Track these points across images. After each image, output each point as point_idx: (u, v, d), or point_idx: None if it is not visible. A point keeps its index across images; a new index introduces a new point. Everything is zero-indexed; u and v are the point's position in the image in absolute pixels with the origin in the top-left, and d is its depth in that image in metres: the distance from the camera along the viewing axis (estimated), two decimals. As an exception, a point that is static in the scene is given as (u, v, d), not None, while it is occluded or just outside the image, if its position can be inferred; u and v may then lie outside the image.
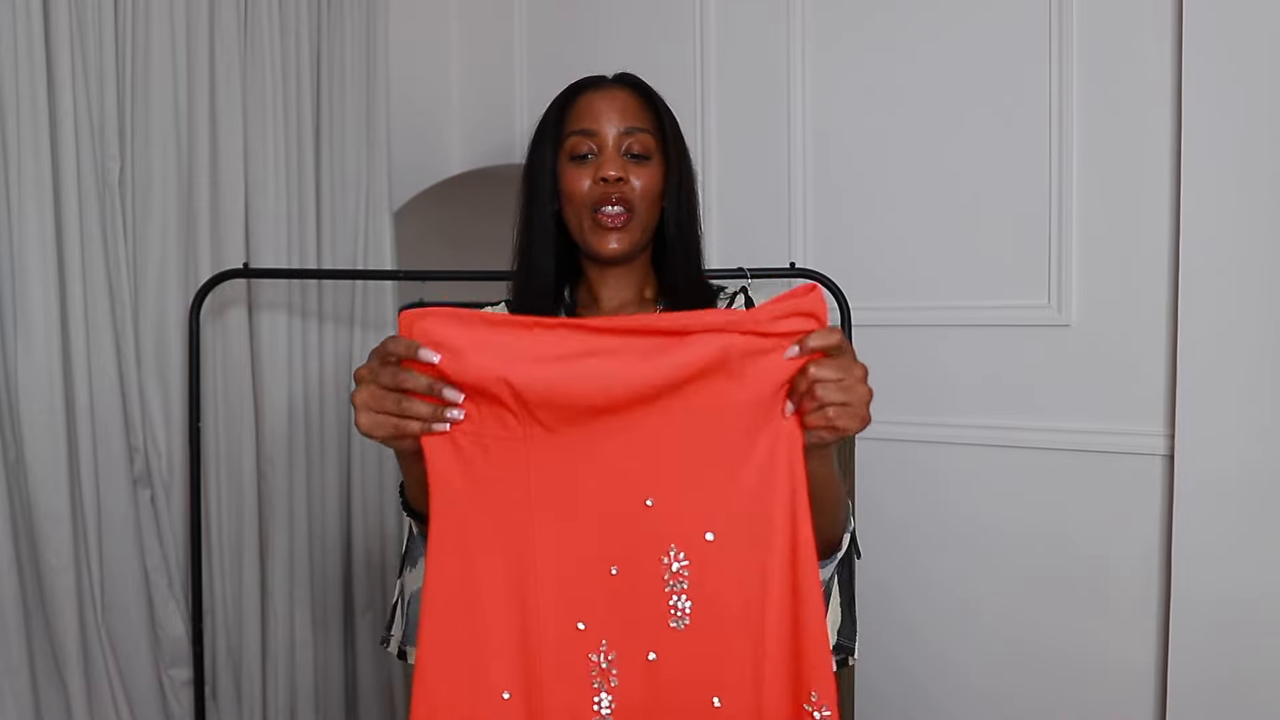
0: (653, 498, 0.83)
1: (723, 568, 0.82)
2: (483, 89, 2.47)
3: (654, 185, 1.15)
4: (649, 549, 0.83)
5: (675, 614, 0.83)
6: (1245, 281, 1.50)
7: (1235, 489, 1.52)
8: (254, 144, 2.03)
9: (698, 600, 0.82)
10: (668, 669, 0.83)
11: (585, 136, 1.14)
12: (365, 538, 2.31)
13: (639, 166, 1.14)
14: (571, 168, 1.14)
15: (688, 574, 0.82)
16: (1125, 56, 1.62)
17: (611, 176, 1.11)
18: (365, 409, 0.87)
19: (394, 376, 0.85)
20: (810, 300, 0.81)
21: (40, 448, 1.72)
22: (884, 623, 1.87)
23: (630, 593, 0.83)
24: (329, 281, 2.20)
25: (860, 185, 1.90)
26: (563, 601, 0.84)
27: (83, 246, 1.77)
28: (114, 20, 1.82)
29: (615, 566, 0.84)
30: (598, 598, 0.84)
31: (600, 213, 1.12)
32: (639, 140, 1.14)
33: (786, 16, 1.96)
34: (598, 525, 0.84)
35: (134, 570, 1.87)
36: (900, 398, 1.86)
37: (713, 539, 0.82)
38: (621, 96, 1.16)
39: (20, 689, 1.70)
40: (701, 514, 0.83)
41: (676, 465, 0.83)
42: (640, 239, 1.15)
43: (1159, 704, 1.62)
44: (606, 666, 0.84)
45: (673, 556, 0.83)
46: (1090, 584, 1.69)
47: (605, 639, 0.84)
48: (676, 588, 0.83)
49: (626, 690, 0.83)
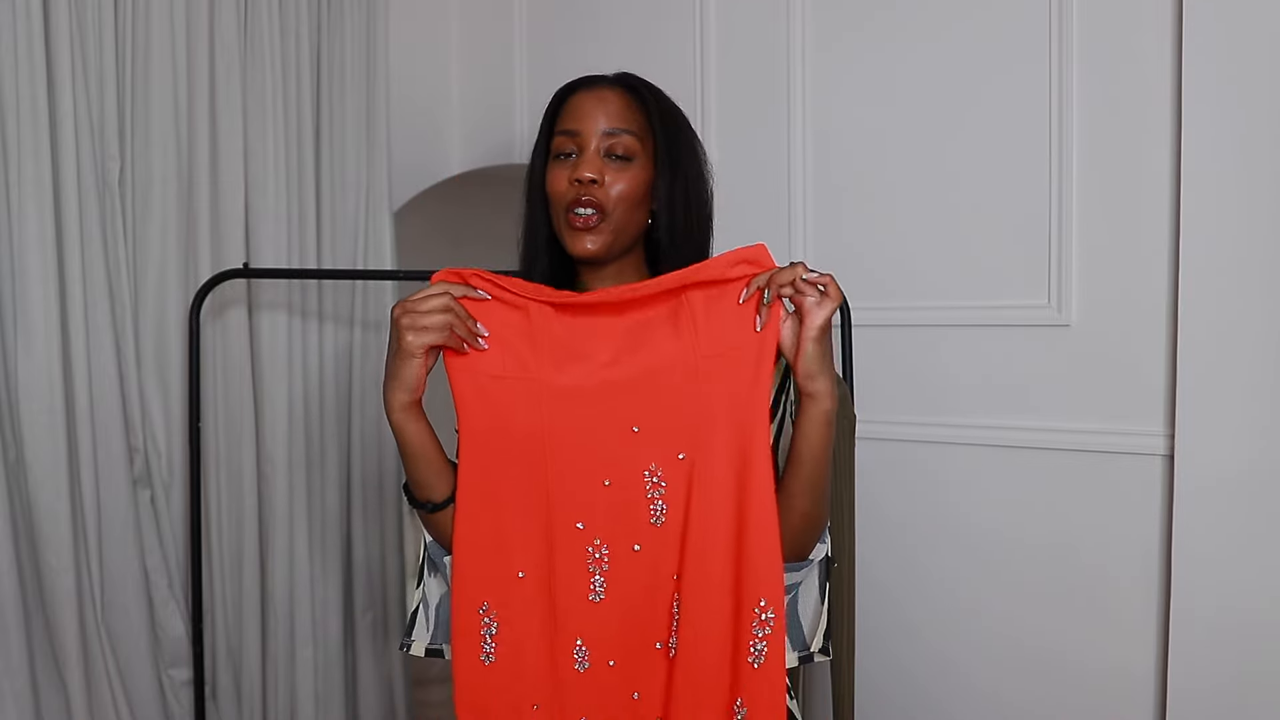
0: (638, 426, 1.06)
1: (690, 478, 1.05)
2: (483, 89, 2.47)
3: (634, 188, 1.14)
4: (636, 465, 1.06)
5: (654, 514, 1.06)
6: (1245, 281, 1.50)
7: (1235, 489, 1.51)
8: (254, 144, 2.03)
9: (671, 504, 1.05)
10: (648, 556, 1.06)
11: (568, 137, 1.14)
12: (365, 538, 2.31)
13: (619, 169, 1.13)
14: (554, 167, 1.15)
15: (665, 484, 1.06)
16: (1125, 56, 1.62)
17: (585, 178, 1.11)
18: (410, 326, 1.02)
19: (445, 299, 1.02)
20: (754, 250, 1.03)
21: (40, 448, 1.72)
22: (884, 623, 1.87)
23: (621, 499, 1.06)
24: (329, 281, 2.20)
25: (860, 185, 1.90)
26: (567, 507, 1.07)
27: (83, 246, 1.77)
28: (114, 20, 1.83)
29: (608, 479, 1.07)
30: (595, 504, 1.07)
31: (572, 213, 1.13)
32: (621, 142, 1.13)
33: (786, 16, 1.96)
34: (596, 448, 1.06)
35: (134, 570, 1.87)
36: (900, 398, 1.86)
37: (683, 458, 1.05)
38: (611, 97, 1.15)
39: (20, 689, 1.70)
40: (675, 439, 1.05)
41: (656, 403, 1.05)
42: (614, 241, 1.15)
43: (1159, 705, 1.62)
44: (600, 557, 1.07)
45: (653, 471, 1.06)
46: (1090, 584, 1.69)
47: (599, 536, 1.07)
48: (655, 494, 1.06)
49: (615, 573, 1.07)
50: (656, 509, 1.06)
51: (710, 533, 1.04)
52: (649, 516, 1.06)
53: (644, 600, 1.07)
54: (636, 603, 1.07)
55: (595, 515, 1.07)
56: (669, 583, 1.06)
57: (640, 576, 1.07)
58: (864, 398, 1.85)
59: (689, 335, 1.04)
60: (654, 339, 1.05)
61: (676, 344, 1.05)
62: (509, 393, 1.06)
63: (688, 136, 1.21)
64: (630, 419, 1.06)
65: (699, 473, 1.04)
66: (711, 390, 1.04)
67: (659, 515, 1.06)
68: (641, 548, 1.06)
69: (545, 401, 1.06)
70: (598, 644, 1.07)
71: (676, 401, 1.05)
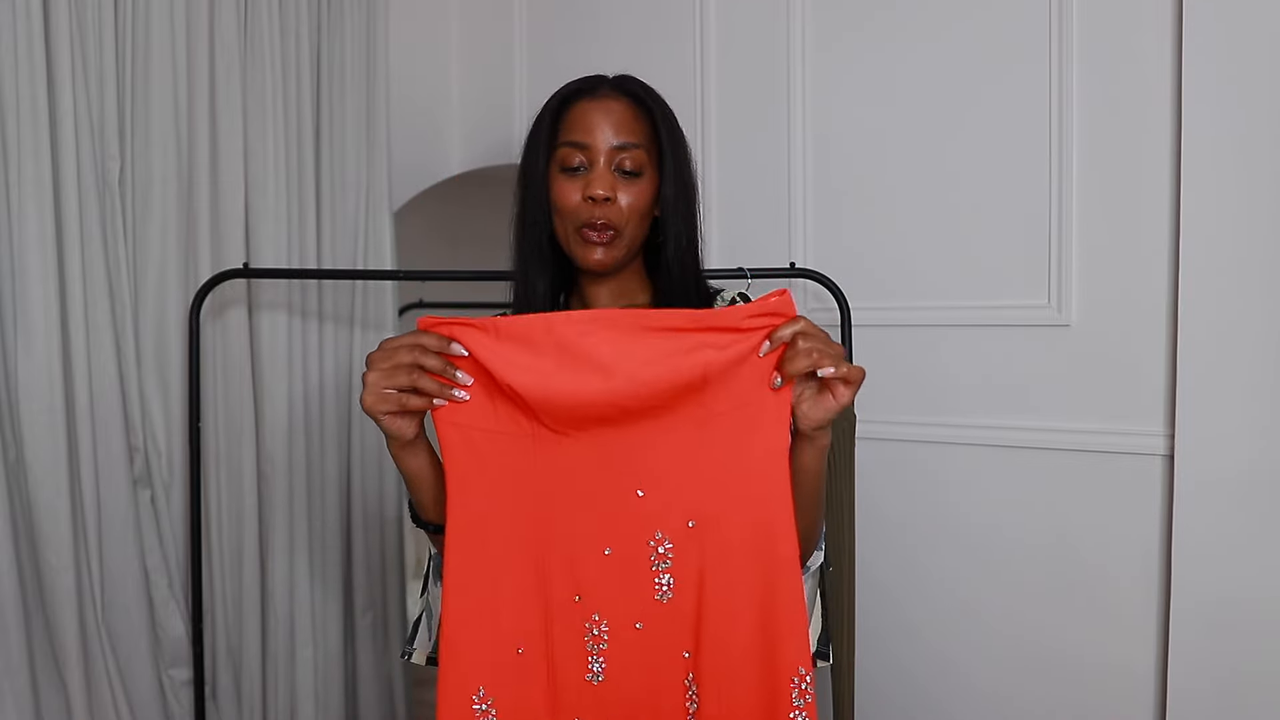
0: (642, 489, 0.96)
1: (702, 550, 0.96)
2: (483, 89, 2.47)
3: (643, 202, 1.14)
4: (639, 533, 0.96)
5: (659, 589, 0.96)
6: (1245, 281, 1.50)
7: (1235, 489, 1.52)
8: (254, 144, 2.03)
9: (679, 577, 0.96)
10: (652, 635, 0.97)
11: (577, 149, 1.13)
12: (365, 538, 2.31)
13: (629, 183, 1.13)
14: (562, 179, 1.14)
15: (671, 555, 0.96)
16: (1125, 56, 1.62)
17: (599, 196, 1.11)
18: (372, 387, 0.94)
19: (412, 354, 0.93)
20: (779, 302, 0.93)
21: (40, 448, 1.72)
22: (884, 623, 1.87)
23: (622, 571, 0.97)
24: (329, 281, 2.20)
25: (860, 185, 1.90)
26: (564, 577, 0.97)
27: (83, 246, 1.77)
28: (114, 20, 1.82)
29: (609, 548, 0.97)
30: (593, 575, 0.97)
31: (585, 230, 1.12)
32: (631, 157, 1.13)
33: (786, 16, 1.96)
34: (595, 513, 0.97)
35: (134, 570, 1.87)
36: (900, 398, 1.86)
37: (693, 526, 0.96)
38: (617, 108, 1.14)
39: (20, 689, 1.70)
40: (684, 504, 0.96)
41: (663, 462, 0.96)
42: (625, 253, 1.15)
43: (1159, 704, 1.62)
44: (599, 634, 0.97)
45: (658, 540, 0.96)
46: (1090, 584, 1.69)
47: (598, 611, 0.97)
48: (661, 566, 0.96)
49: (615, 653, 0.97)
50: (662, 583, 0.96)
51: (734, 610, 0.95)
52: (653, 591, 0.96)
53: (649, 682, 0.98)
54: (640, 685, 0.98)
55: (594, 588, 0.97)
56: (678, 661, 0.97)
57: (643, 657, 0.97)
58: (864, 398, 1.85)
59: (700, 387, 0.94)
60: (661, 389, 0.94)
61: (686, 395, 0.94)
62: (501, 448, 0.96)
63: (683, 141, 1.21)
64: (634, 481, 0.96)
65: (713, 543, 0.95)
66: (726, 449, 0.95)
67: (665, 590, 0.96)
68: (644, 626, 0.97)
69: (541, 459, 0.96)
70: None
71: (686, 461, 0.95)
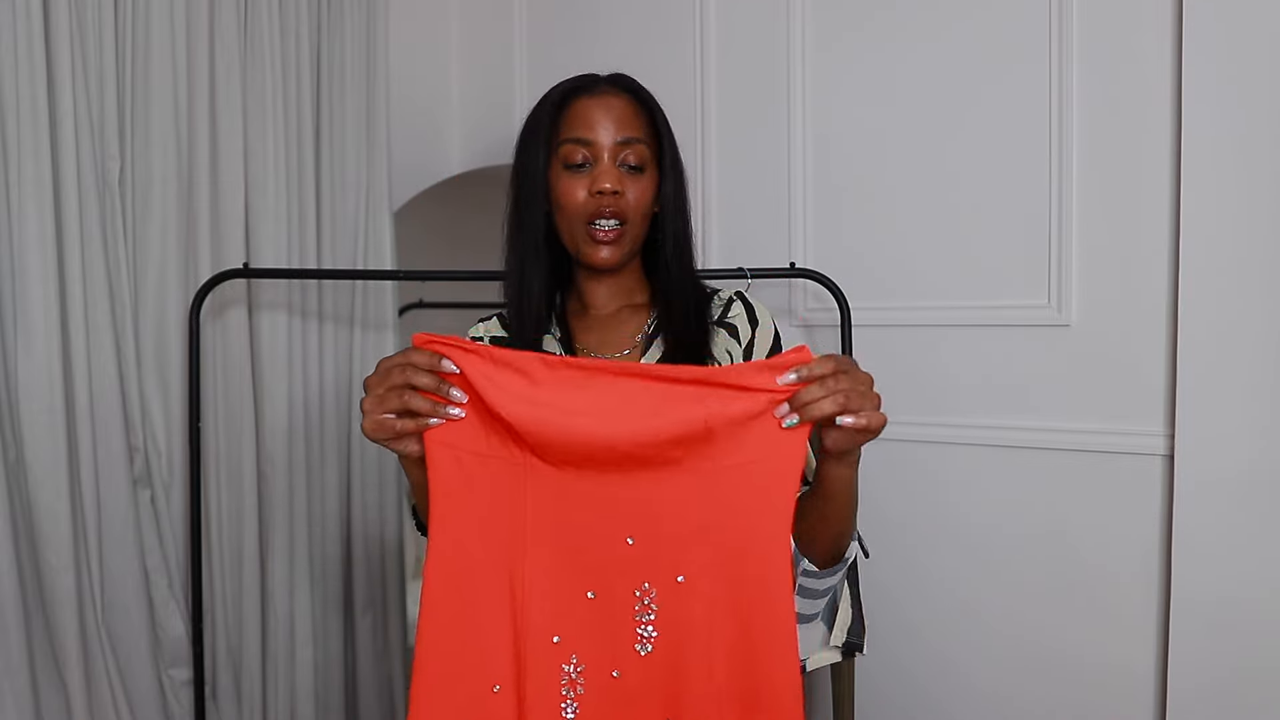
0: (633, 537, 0.92)
1: (690, 607, 0.91)
2: (483, 89, 2.47)
3: (647, 197, 1.15)
4: (625, 581, 0.92)
5: (641, 640, 0.92)
6: (1245, 281, 1.50)
7: (1235, 489, 1.52)
8: (254, 144, 2.03)
9: (663, 631, 0.92)
10: (628, 687, 0.92)
11: (580, 145, 1.13)
12: (365, 538, 2.31)
13: (634, 179, 1.13)
14: (566, 176, 1.14)
15: (656, 608, 0.92)
16: (1125, 56, 1.62)
17: (608, 190, 1.11)
18: (369, 413, 0.92)
19: (404, 374, 0.90)
20: (797, 355, 0.89)
21: (40, 448, 1.72)
22: (884, 622, 1.87)
23: (603, 616, 0.93)
24: (329, 281, 2.20)
25: (860, 185, 1.90)
26: (544, 616, 0.93)
27: (83, 246, 1.77)
28: (114, 20, 1.82)
29: (593, 591, 0.93)
30: (574, 616, 0.93)
31: (594, 226, 1.12)
32: (635, 151, 1.13)
33: (786, 16, 1.96)
34: (581, 554, 0.93)
35: (134, 570, 1.87)
36: (900, 398, 1.86)
37: (683, 581, 0.92)
38: (618, 105, 1.14)
39: (20, 689, 1.70)
40: (675, 558, 0.92)
41: (657, 512, 0.91)
42: (630, 249, 1.16)
43: (1159, 704, 1.62)
44: (575, 677, 0.93)
45: (645, 591, 0.92)
46: (1090, 584, 1.69)
47: (575, 654, 0.93)
48: (645, 618, 0.92)
49: (590, 699, 0.93)
50: (644, 634, 0.93)
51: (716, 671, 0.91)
52: (634, 641, 0.92)
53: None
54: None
55: (573, 630, 0.93)
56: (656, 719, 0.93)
57: (618, 708, 0.93)
58: (864, 398, 1.85)
59: (705, 439, 0.89)
60: (662, 440, 0.89)
61: (688, 448, 0.90)
62: (492, 472, 0.92)
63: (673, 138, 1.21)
64: (625, 527, 0.92)
65: (701, 601, 0.91)
66: (726, 505, 0.90)
67: (646, 642, 0.93)
68: (621, 675, 0.93)
69: (531, 489, 0.92)
70: None
71: (681, 514, 0.91)
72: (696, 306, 1.19)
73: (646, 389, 0.89)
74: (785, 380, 0.88)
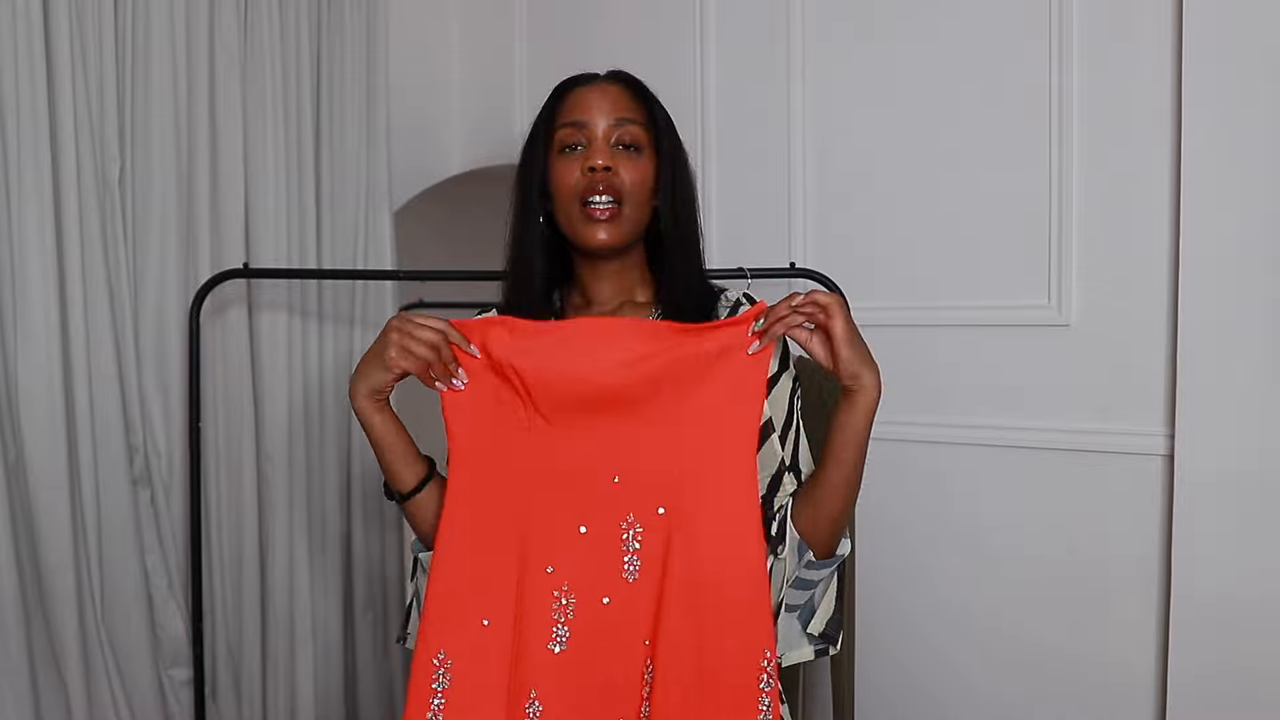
0: (619, 476, 1.04)
1: (670, 535, 1.02)
2: (483, 89, 2.47)
3: (644, 178, 1.14)
4: (612, 515, 1.04)
5: (628, 569, 1.03)
6: (1245, 281, 1.50)
7: (1235, 489, 1.52)
8: (254, 144, 2.03)
9: (646, 560, 1.02)
10: (616, 613, 1.02)
11: (575, 129, 1.13)
12: (365, 538, 2.31)
13: (629, 158, 1.13)
14: (561, 160, 1.14)
15: (641, 539, 1.03)
16: (1125, 56, 1.62)
17: (600, 165, 1.10)
18: (397, 344, 1.03)
19: (434, 332, 1.03)
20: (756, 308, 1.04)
21: (40, 448, 1.72)
22: (884, 622, 1.87)
23: (593, 548, 1.04)
24: (329, 281, 2.20)
25: (860, 185, 1.90)
26: (539, 548, 1.04)
27: (83, 246, 1.77)
28: (114, 20, 1.82)
29: (584, 526, 1.04)
30: (567, 549, 1.04)
31: (589, 205, 1.11)
32: (629, 131, 1.13)
33: (786, 16, 1.96)
34: (574, 494, 1.04)
35: (134, 570, 1.87)
36: (900, 398, 1.85)
37: (663, 513, 1.03)
38: (612, 90, 1.15)
39: (20, 689, 1.70)
40: (656, 492, 1.03)
41: (639, 451, 1.04)
42: (629, 231, 1.14)
43: (1159, 704, 1.62)
44: (566, 604, 1.03)
45: (630, 523, 1.03)
46: (1090, 584, 1.69)
47: (567, 582, 1.03)
48: (631, 547, 1.03)
49: (580, 625, 1.03)
50: (630, 564, 1.03)
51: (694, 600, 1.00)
52: (621, 569, 1.03)
53: (609, 661, 1.03)
54: (601, 663, 1.03)
55: (566, 561, 1.04)
56: (639, 649, 1.03)
57: (607, 634, 1.03)
58: (864, 398, 1.85)
59: (676, 383, 1.03)
60: (651, 376, 1.03)
61: (671, 390, 1.03)
62: (499, 434, 1.06)
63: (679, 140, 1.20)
64: (612, 467, 1.05)
65: (680, 530, 1.02)
66: (696, 442, 1.03)
67: (632, 570, 1.03)
68: (610, 601, 1.03)
69: (532, 445, 1.05)
70: (553, 700, 1.02)
71: (661, 454, 1.04)
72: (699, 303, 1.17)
73: (627, 332, 1.03)
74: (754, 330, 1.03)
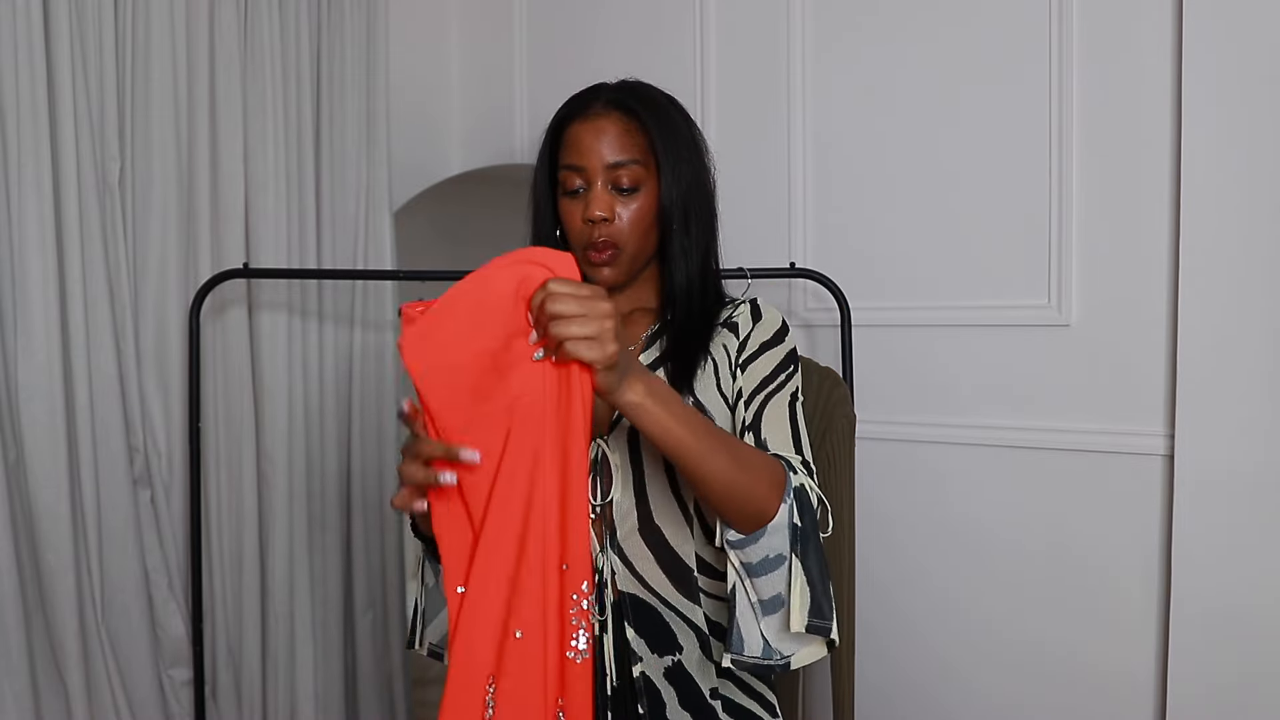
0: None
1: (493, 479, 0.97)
2: (483, 89, 2.47)
3: (645, 214, 1.17)
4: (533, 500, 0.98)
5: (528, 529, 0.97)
6: (1245, 281, 1.50)
7: (1235, 489, 1.52)
8: (254, 144, 2.03)
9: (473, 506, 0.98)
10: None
11: (574, 172, 1.16)
12: (365, 538, 2.31)
13: (627, 200, 1.16)
14: (565, 202, 1.18)
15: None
16: (1125, 56, 1.62)
17: (597, 217, 1.14)
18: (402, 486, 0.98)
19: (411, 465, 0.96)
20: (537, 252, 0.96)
21: (40, 448, 1.72)
22: (883, 623, 1.87)
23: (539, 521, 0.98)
24: (329, 281, 2.20)
25: (860, 185, 1.90)
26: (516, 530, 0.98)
27: (83, 246, 1.77)
28: (114, 20, 1.83)
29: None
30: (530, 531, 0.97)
31: (590, 252, 1.16)
32: (627, 173, 1.15)
33: (786, 17, 1.96)
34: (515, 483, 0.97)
35: (134, 570, 1.87)
36: (900, 398, 1.86)
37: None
38: (609, 127, 1.15)
39: (20, 689, 1.70)
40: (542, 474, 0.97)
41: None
42: (630, 269, 1.19)
43: (1159, 705, 1.62)
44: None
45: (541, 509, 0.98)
46: (1090, 585, 1.69)
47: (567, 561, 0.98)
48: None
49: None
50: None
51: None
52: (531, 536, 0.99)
53: None
54: None
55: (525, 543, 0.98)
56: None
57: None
58: (864, 397, 1.85)
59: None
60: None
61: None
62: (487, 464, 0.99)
63: (687, 137, 1.21)
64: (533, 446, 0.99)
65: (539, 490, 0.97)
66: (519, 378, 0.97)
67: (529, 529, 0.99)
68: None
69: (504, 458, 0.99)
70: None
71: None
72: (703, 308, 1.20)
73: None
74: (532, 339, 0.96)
